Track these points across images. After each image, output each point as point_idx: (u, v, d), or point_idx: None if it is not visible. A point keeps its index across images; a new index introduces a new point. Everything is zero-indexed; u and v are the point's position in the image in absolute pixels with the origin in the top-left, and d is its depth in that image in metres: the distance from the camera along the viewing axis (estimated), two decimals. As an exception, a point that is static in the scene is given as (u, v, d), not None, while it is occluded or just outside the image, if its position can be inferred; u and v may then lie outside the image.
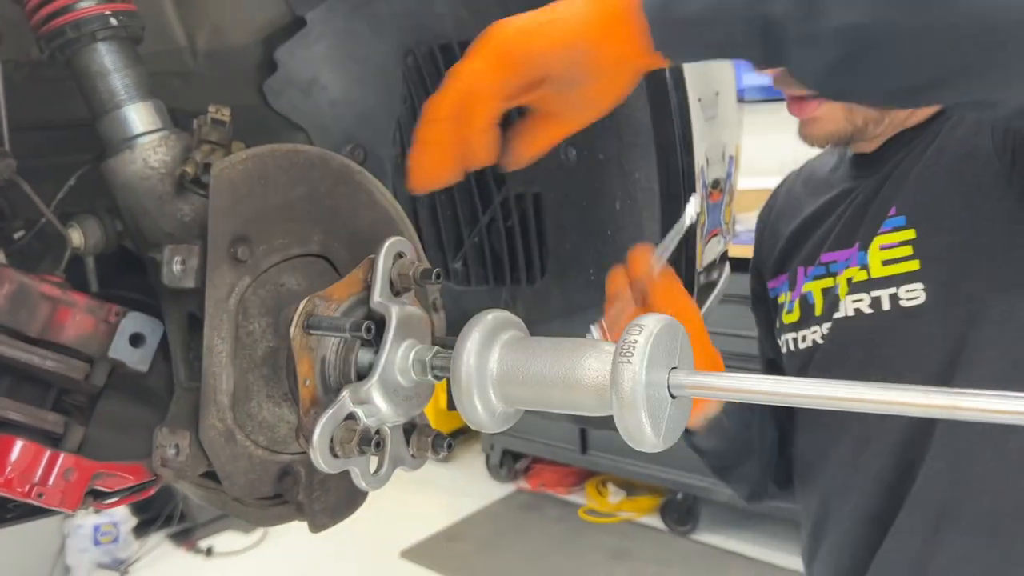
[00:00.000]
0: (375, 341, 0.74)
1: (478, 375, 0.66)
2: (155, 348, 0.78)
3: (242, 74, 1.10)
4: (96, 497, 0.77)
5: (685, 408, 0.62)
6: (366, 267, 0.75)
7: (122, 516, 3.55)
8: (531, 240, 1.15)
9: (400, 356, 0.71)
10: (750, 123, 2.88)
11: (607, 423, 1.08)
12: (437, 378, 0.72)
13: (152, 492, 0.81)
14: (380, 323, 0.72)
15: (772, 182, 3.94)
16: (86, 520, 3.49)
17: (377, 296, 0.72)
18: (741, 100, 1.55)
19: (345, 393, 0.70)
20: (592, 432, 3.70)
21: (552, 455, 3.88)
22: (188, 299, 0.74)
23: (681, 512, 3.50)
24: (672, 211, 1.02)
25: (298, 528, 0.80)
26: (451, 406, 1.11)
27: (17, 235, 0.81)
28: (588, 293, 1.10)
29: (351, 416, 0.70)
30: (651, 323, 0.59)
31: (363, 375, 0.72)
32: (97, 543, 3.47)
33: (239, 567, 3.52)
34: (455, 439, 3.35)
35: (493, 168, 1.16)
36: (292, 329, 0.69)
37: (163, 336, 0.79)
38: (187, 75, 1.04)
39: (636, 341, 0.58)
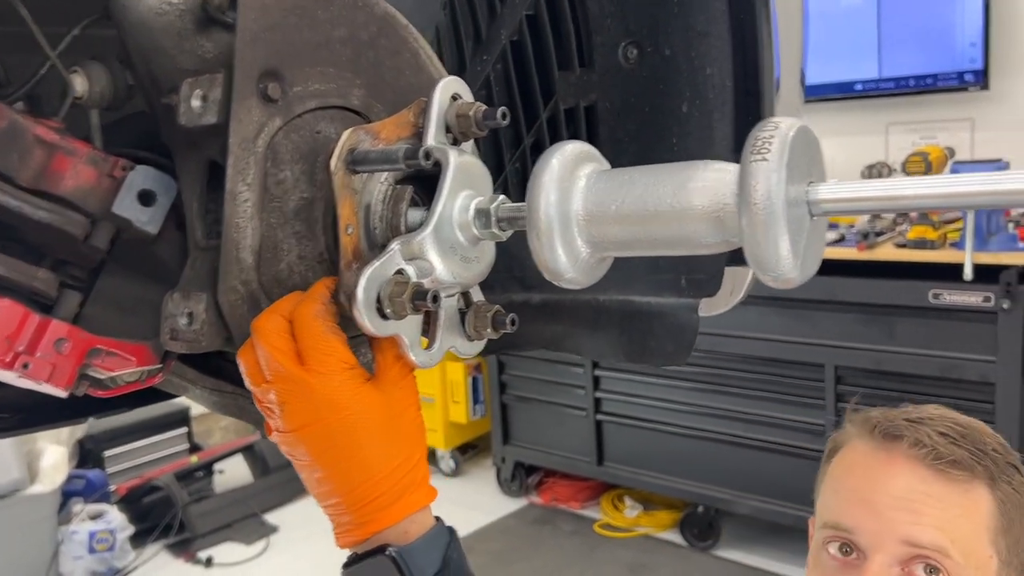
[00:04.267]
0: (424, 199, 0.63)
1: (560, 214, 0.55)
2: (167, 210, 0.67)
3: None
4: (93, 383, 0.65)
5: (822, 234, 0.51)
6: (417, 108, 0.64)
7: (119, 524, 3.40)
8: (582, 158, 1.04)
9: (459, 207, 0.60)
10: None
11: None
12: (503, 230, 0.60)
13: (158, 380, 0.69)
14: (431, 179, 0.61)
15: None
16: (81, 527, 3.34)
17: (431, 138, 0.61)
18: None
19: (395, 245, 0.59)
20: (608, 444, 3.56)
21: (566, 467, 3.73)
22: (208, 142, 0.63)
23: (702, 526, 3.34)
24: (749, 111, 0.91)
25: (301, 539, 0.67)
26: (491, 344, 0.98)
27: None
28: (647, 212, 0.99)
29: (400, 273, 0.58)
30: (786, 122, 0.48)
31: (414, 231, 0.60)
32: (92, 551, 3.31)
33: (239, 579, 3.36)
34: (464, 454, 3.23)
35: (540, 79, 1.06)
36: (333, 162, 0.58)
37: (176, 200, 0.68)
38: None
39: (771, 138, 0.47)
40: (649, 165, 0.55)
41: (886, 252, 2.77)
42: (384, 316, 0.57)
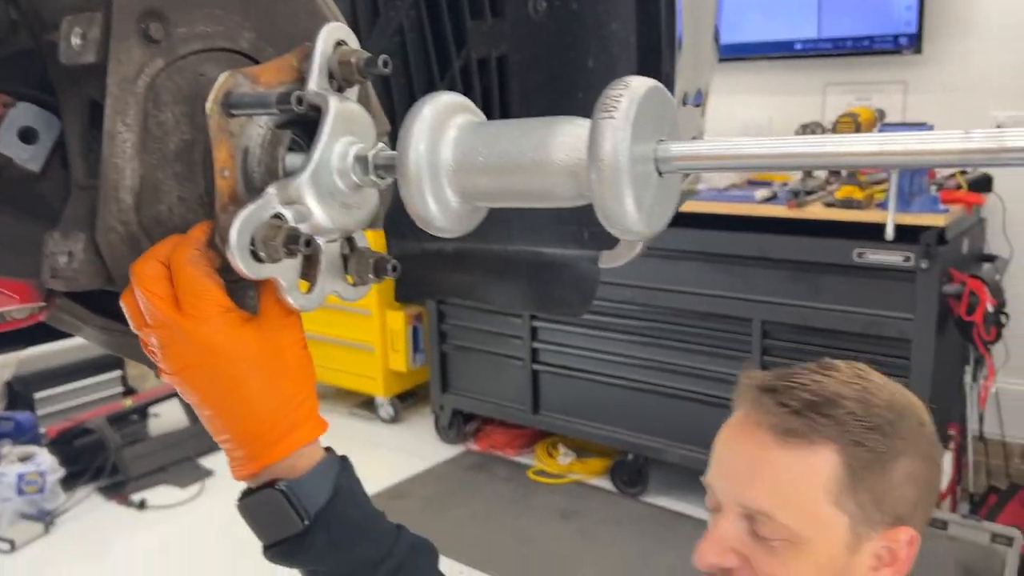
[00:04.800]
0: (305, 142, 0.64)
1: (429, 163, 0.56)
2: (49, 148, 0.67)
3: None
4: (-27, 320, 0.66)
5: (673, 191, 0.53)
6: (301, 53, 0.64)
7: (49, 466, 3.37)
8: (494, 109, 1.05)
9: (337, 153, 0.61)
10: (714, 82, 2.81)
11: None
12: (381, 178, 0.61)
13: (43, 318, 0.69)
14: (316, 124, 0.62)
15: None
16: (10, 468, 3.30)
17: (314, 84, 0.62)
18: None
19: (271, 189, 0.60)
20: (544, 392, 3.62)
21: (503, 415, 3.80)
22: (89, 81, 0.63)
23: (631, 473, 3.44)
24: (650, 67, 0.93)
25: (235, 483, 0.70)
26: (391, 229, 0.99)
27: None
28: (553, 165, 1.01)
29: (277, 217, 0.59)
30: (637, 81, 0.50)
31: (293, 175, 0.61)
32: (21, 493, 3.28)
33: (173, 521, 3.37)
34: (403, 401, 3.25)
35: (453, 28, 1.07)
36: (208, 104, 0.58)
37: (61, 138, 0.67)
38: None
39: (620, 96, 0.49)
40: (519, 119, 0.56)
41: (815, 211, 2.84)
42: (259, 259, 0.58)
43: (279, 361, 0.64)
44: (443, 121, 0.57)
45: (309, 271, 0.64)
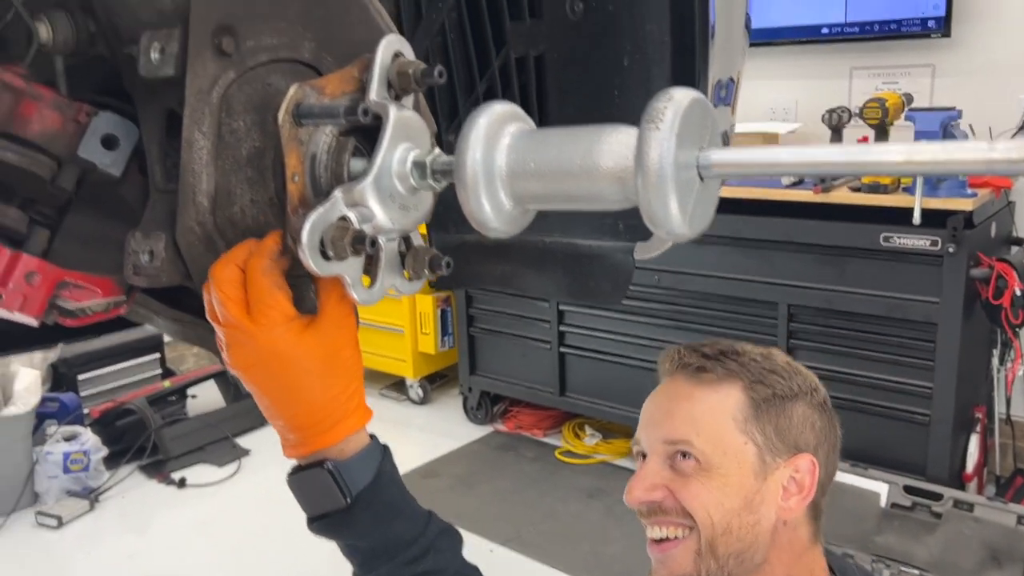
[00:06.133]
0: (366, 147, 0.68)
1: (484, 169, 0.61)
2: (129, 153, 0.72)
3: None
4: (62, 313, 0.71)
5: (713, 194, 0.57)
6: (361, 65, 0.69)
7: (93, 445, 3.48)
8: (531, 106, 1.10)
9: (397, 159, 0.66)
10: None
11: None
12: (438, 182, 0.66)
13: (123, 312, 0.75)
14: (375, 130, 0.67)
15: (764, 127, 3.86)
16: (56, 447, 3.41)
17: (374, 94, 0.67)
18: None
19: (337, 193, 0.64)
20: (570, 374, 3.67)
21: (530, 397, 3.85)
22: (167, 92, 0.68)
23: (658, 455, 3.49)
24: (684, 67, 0.97)
25: (272, 462, 0.76)
26: (435, 228, 1.05)
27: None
28: (590, 159, 1.05)
29: (343, 219, 0.64)
30: (680, 93, 0.54)
31: (356, 180, 0.66)
32: (67, 471, 3.39)
33: (212, 499, 3.47)
34: (432, 383, 3.32)
35: (493, 28, 1.11)
36: (280, 115, 0.63)
37: (139, 144, 0.73)
38: None
39: (665, 108, 0.53)
40: (567, 127, 0.61)
41: (841, 195, 2.85)
42: (327, 257, 0.63)
43: (335, 361, 0.69)
44: (497, 130, 0.61)
45: (371, 267, 0.69)
